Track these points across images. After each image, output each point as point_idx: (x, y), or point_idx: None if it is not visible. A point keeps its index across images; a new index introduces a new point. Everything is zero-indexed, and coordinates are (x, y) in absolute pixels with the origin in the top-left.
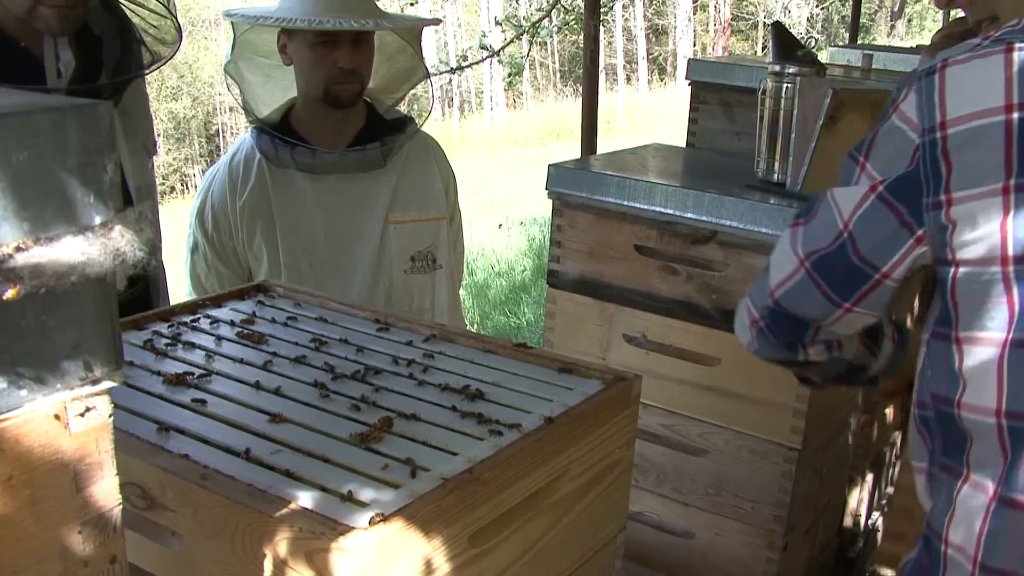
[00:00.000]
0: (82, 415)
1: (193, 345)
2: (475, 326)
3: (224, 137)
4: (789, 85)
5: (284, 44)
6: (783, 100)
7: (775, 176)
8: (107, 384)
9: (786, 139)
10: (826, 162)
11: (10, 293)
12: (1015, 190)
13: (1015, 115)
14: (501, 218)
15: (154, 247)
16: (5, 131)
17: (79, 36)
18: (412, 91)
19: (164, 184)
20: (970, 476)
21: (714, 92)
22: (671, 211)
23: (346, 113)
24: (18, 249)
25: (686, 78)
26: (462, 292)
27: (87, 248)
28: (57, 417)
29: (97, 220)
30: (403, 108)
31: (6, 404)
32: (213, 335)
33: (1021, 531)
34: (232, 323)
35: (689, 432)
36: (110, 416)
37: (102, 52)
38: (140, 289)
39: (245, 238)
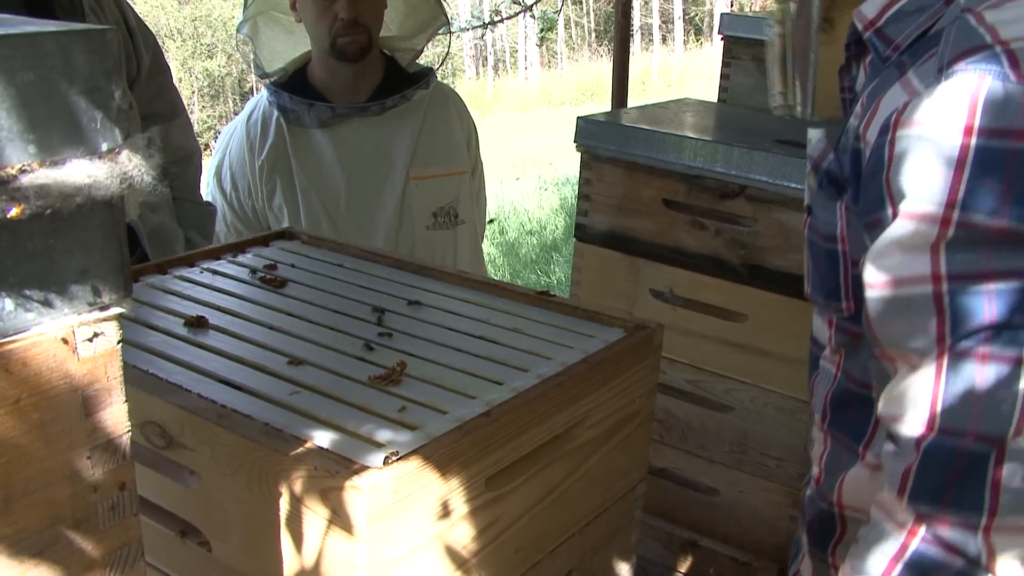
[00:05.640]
0: (90, 340)
1: (215, 289)
2: None
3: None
4: (793, 4)
5: (295, 0)
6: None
7: (790, 103)
8: (115, 310)
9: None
10: (830, 74)
11: (14, 212)
12: None
13: None
14: (534, 178)
15: (164, 173)
16: (10, 50)
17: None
18: (447, 49)
19: (198, 141)
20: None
21: (747, 47)
22: (700, 165)
23: (361, 67)
24: (22, 171)
25: (719, 33)
26: (493, 249)
27: (94, 171)
28: (65, 341)
29: (104, 145)
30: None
31: (13, 326)
32: (236, 279)
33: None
34: (254, 268)
35: (715, 388)
36: (119, 343)
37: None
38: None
39: (265, 197)
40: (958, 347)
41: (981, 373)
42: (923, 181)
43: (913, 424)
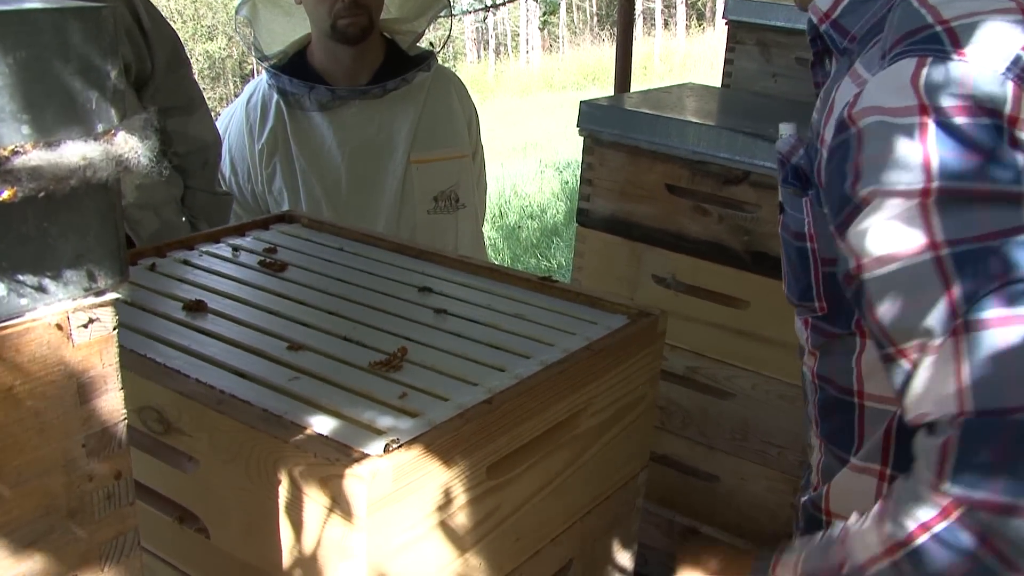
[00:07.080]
0: (85, 326)
1: (214, 272)
2: None
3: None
4: None
5: None
6: None
7: None
8: (111, 296)
9: None
10: None
11: (6, 195)
12: None
13: None
14: (535, 161)
15: (160, 155)
16: (3, 27)
17: None
18: (448, 32)
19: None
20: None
21: (751, 32)
22: (703, 151)
23: (362, 49)
24: (15, 152)
25: (723, 17)
26: (493, 233)
27: (89, 152)
28: (59, 327)
29: (100, 126)
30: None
31: (6, 312)
32: (235, 263)
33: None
34: (254, 252)
35: (716, 375)
36: (114, 329)
37: None
38: None
39: (264, 181)
40: (973, 316)
41: (1005, 337)
42: (895, 159)
43: (944, 410)
